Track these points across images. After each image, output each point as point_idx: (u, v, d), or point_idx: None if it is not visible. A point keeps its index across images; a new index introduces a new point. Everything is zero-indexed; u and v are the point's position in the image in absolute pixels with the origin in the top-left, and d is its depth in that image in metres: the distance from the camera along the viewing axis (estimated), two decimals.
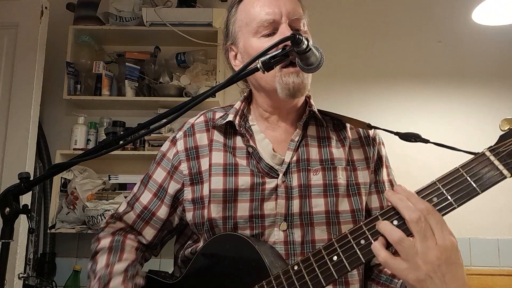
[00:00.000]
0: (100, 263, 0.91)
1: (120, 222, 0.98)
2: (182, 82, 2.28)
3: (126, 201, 1.01)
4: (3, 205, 0.74)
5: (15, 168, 1.89)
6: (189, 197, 0.93)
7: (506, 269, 2.12)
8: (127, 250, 0.93)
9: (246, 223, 0.87)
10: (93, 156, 0.73)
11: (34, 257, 2.17)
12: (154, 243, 0.99)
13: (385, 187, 0.97)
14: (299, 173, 0.90)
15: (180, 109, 0.70)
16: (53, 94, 2.29)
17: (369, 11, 2.48)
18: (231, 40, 0.97)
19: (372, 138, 0.99)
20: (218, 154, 0.93)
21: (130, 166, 2.27)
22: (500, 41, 2.35)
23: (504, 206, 2.17)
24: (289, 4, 0.90)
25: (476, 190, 0.62)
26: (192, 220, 0.92)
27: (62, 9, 2.38)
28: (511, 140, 0.62)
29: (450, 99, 2.36)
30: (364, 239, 0.66)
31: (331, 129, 0.97)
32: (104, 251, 0.93)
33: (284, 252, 0.86)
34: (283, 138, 0.95)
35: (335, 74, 2.35)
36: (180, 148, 0.96)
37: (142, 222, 0.96)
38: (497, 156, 0.62)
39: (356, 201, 0.90)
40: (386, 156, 1.00)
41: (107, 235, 0.97)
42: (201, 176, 0.92)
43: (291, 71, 0.86)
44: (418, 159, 2.12)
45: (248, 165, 0.91)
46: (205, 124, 0.98)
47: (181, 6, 2.33)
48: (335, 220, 0.88)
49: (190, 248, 0.95)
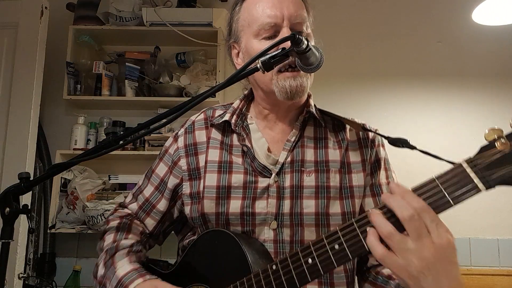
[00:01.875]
0: (107, 240, 0.95)
1: (127, 209, 1.04)
2: (182, 82, 2.28)
3: (132, 192, 1.06)
4: (3, 205, 0.74)
5: (15, 168, 1.89)
6: (187, 192, 0.96)
7: (506, 269, 2.12)
8: (133, 232, 0.97)
9: (238, 220, 0.89)
10: (93, 156, 0.74)
11: (34, 257, 2.17)
12: (156, 233, 1.02)
13: (381, 190, 0.95)
14: (292, 173, 0.90)
15: (180, 109, 0.70)
16: (53, 94, 2.29)
17: (369, 11, 2.48)
18: (233, 38, 0.98)
19: (371, 140, 0.98)
20: (214, 151, 0.95)
21: (130, 166, 2.27)
22: (500, 41, 2.35)
23: (504, 206, 2.17)
24: (292, 7, 0.89)
25: (450, 203, 0.59)
26: (189, 214, 0.95)
27: (62, 9, 2.38)
28: (491, 152, 0.59)
29: (450, 99, 2.36)
30: (338, 244, 0.65)
31: (330, 130, 0.97)
32: (112, 230, 0.97)
33: (274, 250, 0.87)
34: (280, 137, 0.95)
35: (335, 74, 2.35)
36: (180, 145, 0.99)
37: (143, 213, 1.01)
38: (474, 168, 0.58)
39: (348, 204, 0.90)
40: (386, 158, 0.99)
41: (116, 218, 1.01)
42: (198, 172, 0.95)
43: (288, 75, 0.87)
44: (418, 161, 2.12)
45: (243, 163, 0.93)
46: (204, 122, 1.00)
47: (181, 6, 2.33)
48: (324, 222, 0.88)
49: (188, 240, 0.99)
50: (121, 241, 0.93)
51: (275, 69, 0.80)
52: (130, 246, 0.93)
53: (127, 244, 0.93)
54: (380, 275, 0.89)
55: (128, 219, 1.00)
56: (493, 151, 0.58)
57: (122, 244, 0.93)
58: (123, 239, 0.94)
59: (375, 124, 0.99)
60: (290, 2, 0.90)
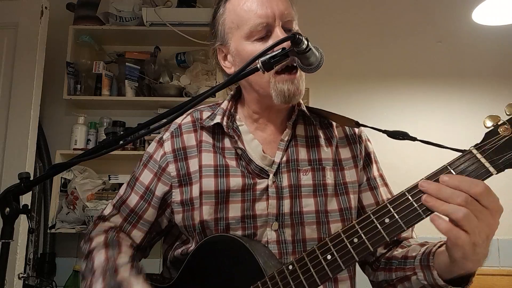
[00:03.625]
0: (98, 259, 0.83)
1: (109, 222, 0.95)
2: (182, 82, 2.28)
3: (111, 204, 0.98)
4: (3, 205, 0.74)
5: (15, 168, 1.89)
6: (177, 199, 0.91)
7: (506, 269, 2.12)
8: (124, 245, 0.89)
9: (238, 224, 0.87)
10: (93, 156, 0.73)
11: (34, 257, 2.17)
12: (144, 246, 0.96)
13: (377, 182, 0.97)
14: (289, 173, 0.90)
15: (180, 109, 0.70)
16: (53, 94, 2.29)
17: (369, 11, 2.48)
18: (220, 41, 0.94)
19: (358, 135, 0.99)
20: (208, 155, 0.91)
21: (130, 166, 2.23)
22: (500, 41, 2.35)
23: (504, 206, 2.15)
24: (281, 4, 0.87)
25: None
26: (182, 222, 0.91)
27: (62, 9, 2.38)
28: (496, 137, 0.63)
29: (450, 99, 2.36)
30: (357, 238, 0.68)
31: (319, 128, 0.97)
32: (100, 247, 0.87)
33: (277, 251, 0.86)
34: (272, 138, 0.94)
35: (335, 74, 2.35)
36: (167, 149, 0.94)
37: (129, 225, 0.94)
38: (484, 154, 0.63)
39: (344, 200, 0.91)
40: (373, 151, 1.01)
41: (100, 233, 0.91)
42: (189, 177, 0.91)
43: (286, 78, 0.85)
44: (411, 157, 2.12)
45: (238, 166, 0.90)
46: (192, 125, 0.96)
47: (181, 6, 2.32)
48: (324, 220, 0.88)
49: (180, 249, 0.93)
50: (116, 258, 0.83)
51: (272, 71, 0.78)
52: (130, 261, 0.84)
53: (125, 260, 0.84)
54: (394, 259, 0.88)
55: (113, 232, 0.91)
56: (499, 137, 0.64)
57: (120, 261, 0.83)
58: (117, 256, 0.84)
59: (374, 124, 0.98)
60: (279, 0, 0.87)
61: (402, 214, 0.66)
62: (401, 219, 0.66)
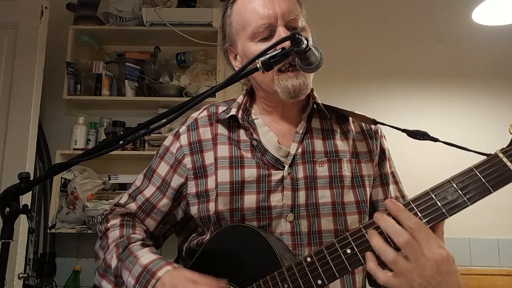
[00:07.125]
0: (113, 237, 0.90)
1: (125, 209, 0.99)
2: (182, 82, 2.28)
3: (127, 193, 1.01)
4: (3, 205, 0.74)
5: (15, 168, 1.89)
6: (193, 191, 0.93)
7: (506, 269, 2.12)
8: (138, 228, 0.94)
9: (254, 215, 0.87)
10: (93, 156, 0.73)
11: (34, 257, 2.17)
12: (156, 235, 0.99)
13: (389, 180, 0.99)
14: (304, 165, 0.91)
15: (180, 109, 0.70)
16: (53, 94, 2.28)
17: (369, 11, 2.48)
18: (229, 42, 0.97)
19: (374, 131, 1.01)
20: (223, 147, 0.93)
21: (130, 166, 2.26)
22: (500, 41, 2.35)
23: (504, 206, 2.17)
24: (284, 3, 0.88)
25: (489, 190, 0.65)
26: (197, 213, 0.92)
27: (62, 9, 2.37)
28: None
29: (450, 99, 2.36)
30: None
31: (334, 122, 0.98)
32: (115, 227, 0.93)
33: (291, 242, 0.87)
34: (288, 130, 0.95)
35: (335, 74, 2.35)
36: (183, 142, 0.96)
37: (143, 213, 0.97)
38: (510, 158, 0.64)
39: (361, 193, 0.92)
40: (388, 148, 1.03)
41: (116, 216, 0.97)
42: (205, 170, 0.93)
43: (290, 75, 0.87)
44: (420, 159, 2.12)
45: (253, 157, 0.91)
46: (208, 119, 0.98)
47: (181, 6, 2.32)
48: (341, 211, 0.89)
49: (196, 240, 0.95)
50: (130, 235, 0.90)
51: (275, 69, 0.80)
52: (142, 240, 0.90)
53: (139, 237, 0.90)
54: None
55: (129, 217, 0.97)
56: None
57: (134, 237, 0.90)
58: (132, 234, 0.91)
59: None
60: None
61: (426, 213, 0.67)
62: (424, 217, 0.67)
